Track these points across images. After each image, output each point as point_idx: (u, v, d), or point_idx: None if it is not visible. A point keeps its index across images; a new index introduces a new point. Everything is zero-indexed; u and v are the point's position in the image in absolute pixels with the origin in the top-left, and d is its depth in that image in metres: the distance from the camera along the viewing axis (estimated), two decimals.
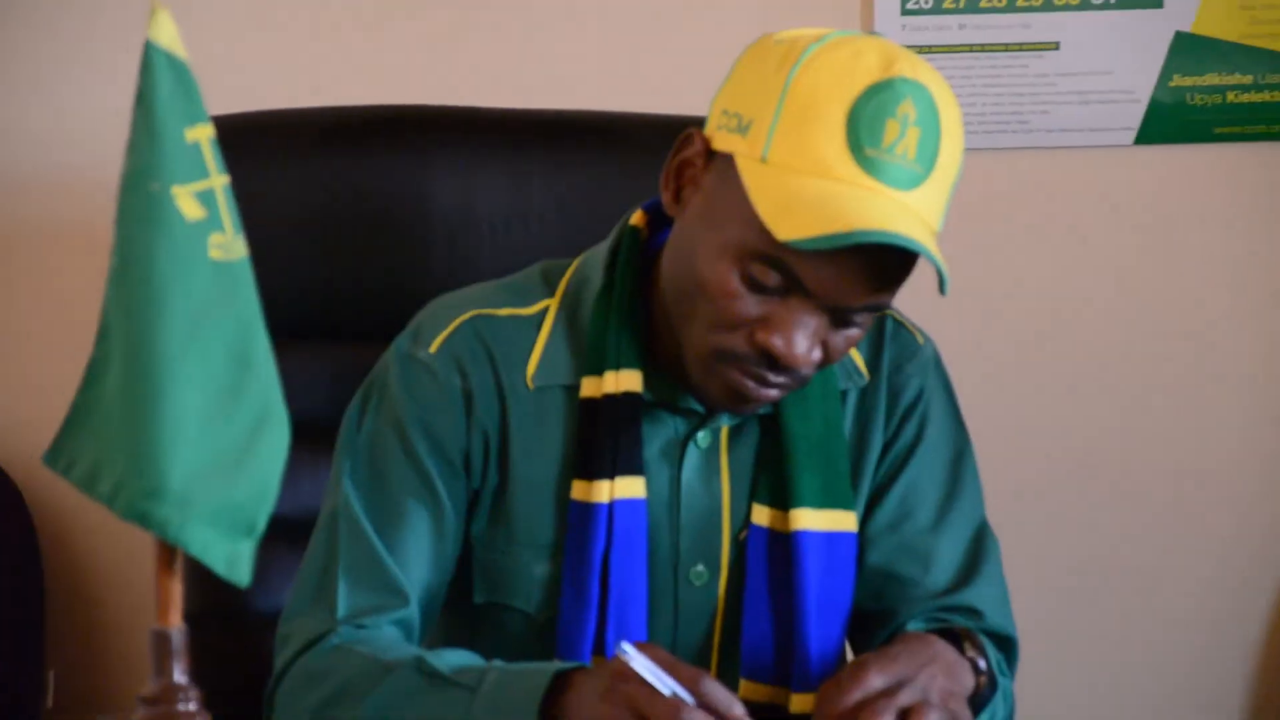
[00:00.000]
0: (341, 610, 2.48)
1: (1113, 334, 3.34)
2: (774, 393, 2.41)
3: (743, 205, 2.32)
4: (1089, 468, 3.30)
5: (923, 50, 2.51)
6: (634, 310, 2.52)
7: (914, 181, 2.32)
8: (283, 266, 2.66)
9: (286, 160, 2.99)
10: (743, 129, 2.36)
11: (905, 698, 2.29)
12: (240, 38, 3.14)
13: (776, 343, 2.33)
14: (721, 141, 2.38)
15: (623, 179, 2.94)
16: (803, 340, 2.34)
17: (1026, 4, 3.23)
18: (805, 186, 2.31)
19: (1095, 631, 3.23)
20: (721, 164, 2.38)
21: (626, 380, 2.50)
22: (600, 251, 2.56)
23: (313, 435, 2.45)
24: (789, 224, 2.28)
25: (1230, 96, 3.25)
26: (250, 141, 2.77)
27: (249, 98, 3.00)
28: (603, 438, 2.50)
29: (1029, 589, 2.65)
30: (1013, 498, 2.71)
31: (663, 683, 2.22)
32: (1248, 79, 3.24)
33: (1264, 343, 3.34)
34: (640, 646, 2.22)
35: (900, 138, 2.33)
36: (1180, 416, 3.36)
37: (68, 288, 3.20)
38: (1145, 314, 3.33)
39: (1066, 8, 3.24)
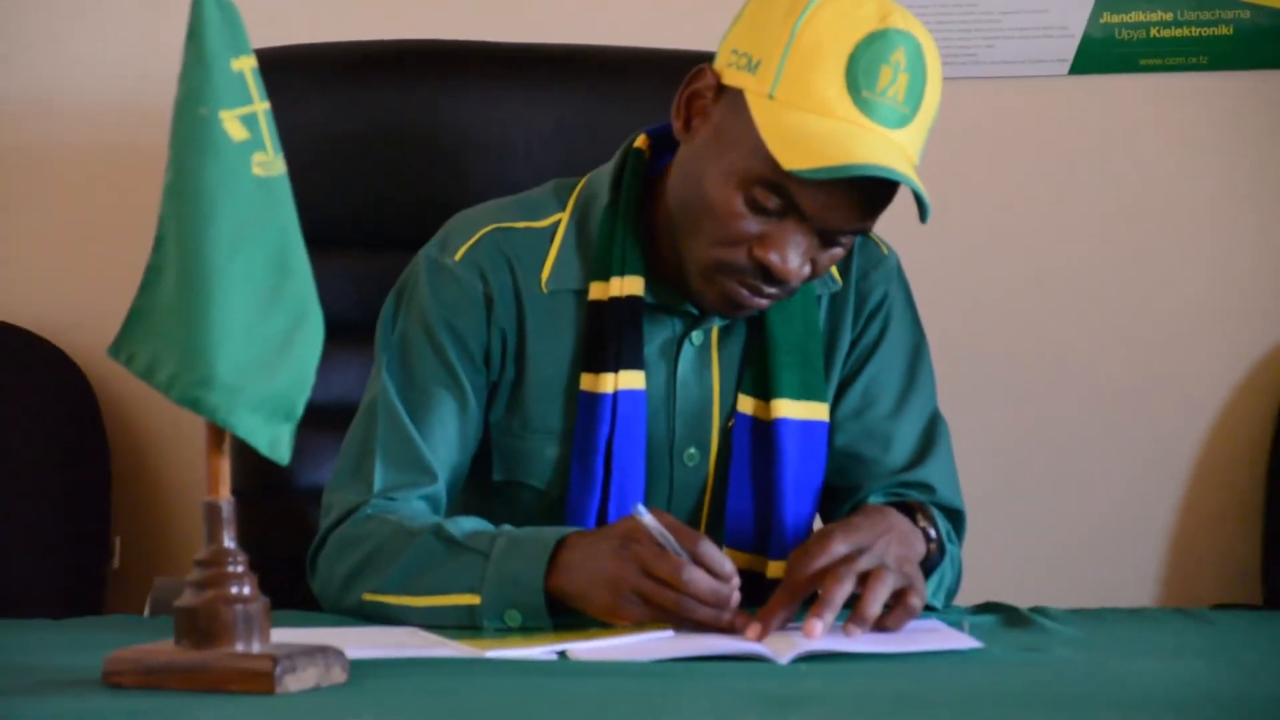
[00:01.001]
0: (377, 485, 2.49)
1: (1054, 247, 3.36)
2: (765, 301, 2.46)
3: (750, 135, 2.37)
4: (1028, 368, 3.31)
5: None
6: (637, 223, 2.54)
7: (902, 121, 2.38)
8: (317, 183, 2.67)
9: (322, 89, 2.99)
10: (752, 68, 2.40)
11: (864, 563, 2.31)
12: None
13: (773, 258, 2.38)
14: (731, 78, 2.42)
15: (619, 108, 2.94)
16: (795, 257, 2.39)
17: None
18: (808, 122, 2.36)
19: (1034, 508, 3.24)
20: (731, 98, 2.41)
21: (630, 285, 2.52)
22: (606, 171, 2.58)
23: (344, 333, 2.47)
24: (793, 154, 2.34)
25: (1153, 32, 3.26)
26: (289, 71, 2.79)
27: (288, 32, 3.00)
28: (608, 336, 2.52)
29: (978, 468, 2.63)
30: (965, 397, 2.71)
31: (668, 543, 2.25)
32: (1169, 15, 3.25)
33: (1185, 255, 3.34)
34: (651, 511, 2.26)
35: (892, 82, 2.37)
36: (1110, 328, 3.37)
37: (124, 200, 3.20)
38: (1082, 225, 3.34)
39: None
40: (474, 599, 2.34)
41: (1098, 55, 3.24)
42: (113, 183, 3.21)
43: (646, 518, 2.26)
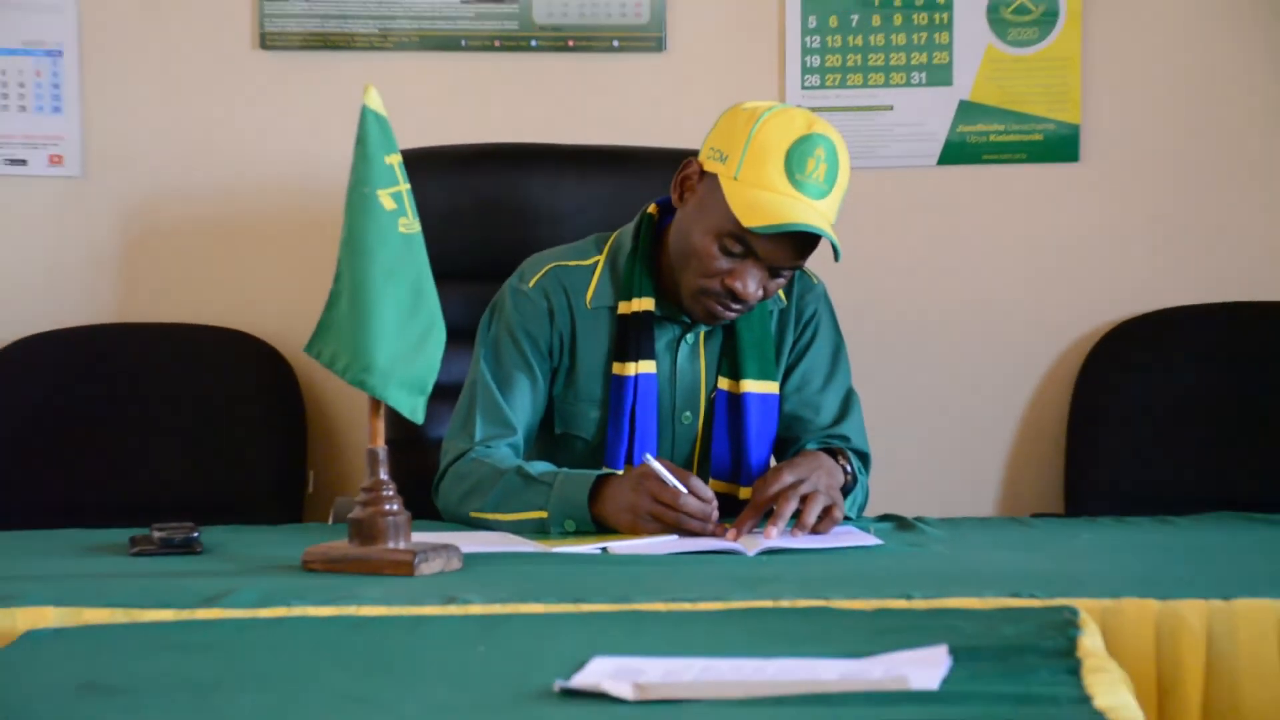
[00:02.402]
0: (477, 436, 2.49)
1: (927, 275, 3.28)
2: (733, 315, 2.46)
3: (722, 204, 2.38)
4: (909, 352, 3.25)
5: (812, 109, 2.49)
6: (649, 262, 2.53)
7: (822, 195, 2.39)
8: (440, 236, 2.65)
9: (443, 175, 2.97)
10: (723, 159, 2.41)
11: (804, 489, 2.34)
12: (414, 101, 3.09)
13: (738, 286, 2.39)
14: (709, 166, 2.43)
15: (635, 187, 2.89)
16: (753, 285, 2.40)
17: (874, 83, 3.19)
18: (760, 195, 2.37)
19: (913, 450, 3.21)
20: (709, 179, 2.43)
21: (644, 303, 2.51)
22: (628, 229, 2.57)
23: (456, 336, 2.40)
24: (751, 216, 2.35)
25: (991, 137, 3.21)
26: (423, 164, 2.78)
27: (422, 137, 2.99)
28: (630, 337, 2.52)
29: (877, 422, 2.63)
30: (867, 375, 2.69)
31: (670, 479, 2.28)
32: (1001, 127, 3.20)
33: (1012, 275, 3.28)
34: (658, 459, 2.31)
35: (815, 169, 2.39)
36: (958, 327, 3.27)
37: (313, 245, 3.15)
38: (944, 262, 3.27)
39: (897, 85, 3.20)
40: (543, 514, 2.36)
41: (955, 152, 3.20)
42: (305, 234, 3.18)
43: (654, 463, 2.29)
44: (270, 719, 1.54)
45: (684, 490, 2.29)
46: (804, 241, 2.38)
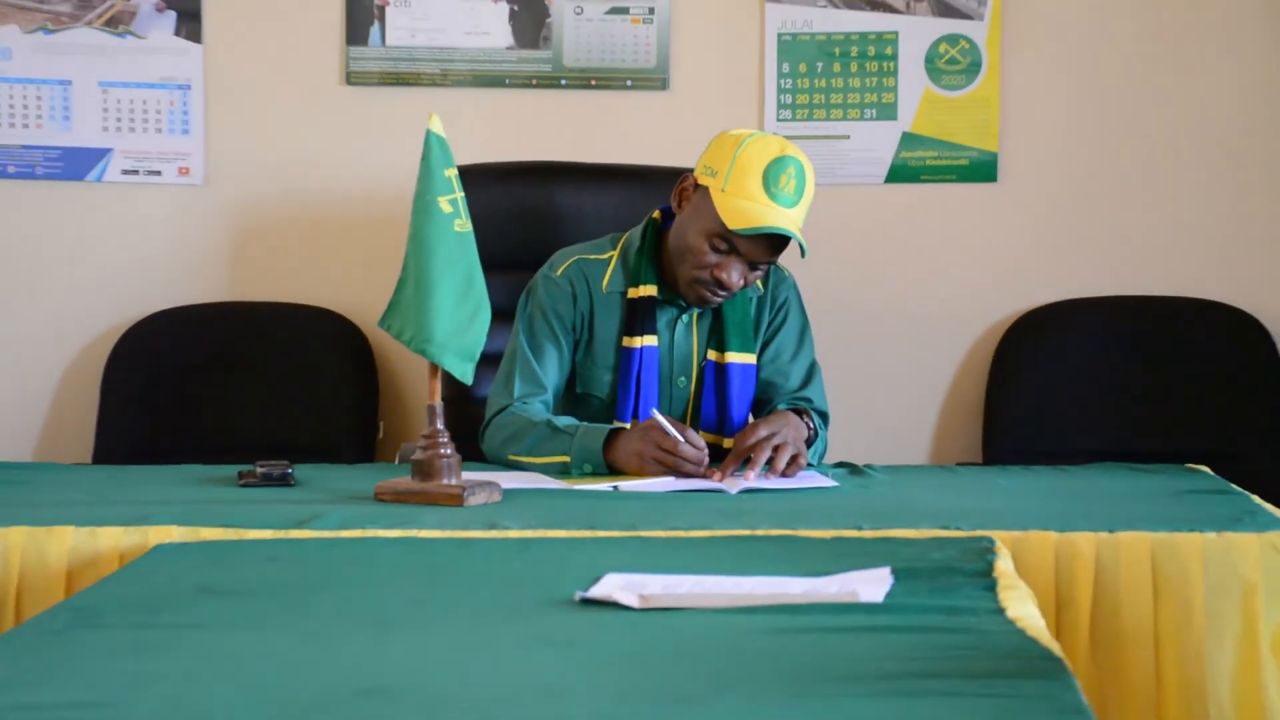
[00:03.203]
0: (515, 394, 2.46)
1: (875, 266, 3.26)
2: (720, 300, 2.44)
3: (712, 211, 2.36)
4: (864, 330, 3.24)
5: (785, 136, 2.46)
6: (653, 257, 2.50)
7: (792, 204, 2.36)
8: (485, 234, 2.60)
9: (489, 186, 2.94)
10: (713, 175, 2.39)
11: (775, 440, 2.31)
12: (467, 127, 3.09)
13: (724, 276, 2.38)
14: (702, 180, 2.41)
15: (642, 198, 2.85)
16: (735, 276, 2.39)
17: (834, 117, 3.18)
18: (742, 204, 2.35)
19: (862, 408, 3.15)
20: (701, 191, 2.40)
21: (649, 290, 2.48)
22: (637, 230, 2.54)
23: (498, 315, 2.36)
24: (735, 220, 2.33)
25: (928, 161, 3.19)
26: (474, 176, 2.72)
27: (472, 155, 2.96)
28: (637, 317, 2.48)
29: (834, 386, 2.61)
30: (824, 351, 2.68)
31: (671, 431, 2.26)
32: (936, 153, 3.18)
33: (936, 269, 3.26)
34: (661, 414, 2.29)
35: (787, 184, 2.36)
36: (901, 309, 3.26)
37: (386, 237, 3.07)
38: (889, 255, 3.25)
39: (853, 119, 3.19)
40: (566, 459, 2.34)
41: (899, 173, 3.17)
42: (379, 231, 3.14)
43: (660, 417, 2.27)
44: (348, 616, 1.54)
45: (682, 440, 2.27)
46: (778, 241, 2.36)
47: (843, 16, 3.11)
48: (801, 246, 2.37)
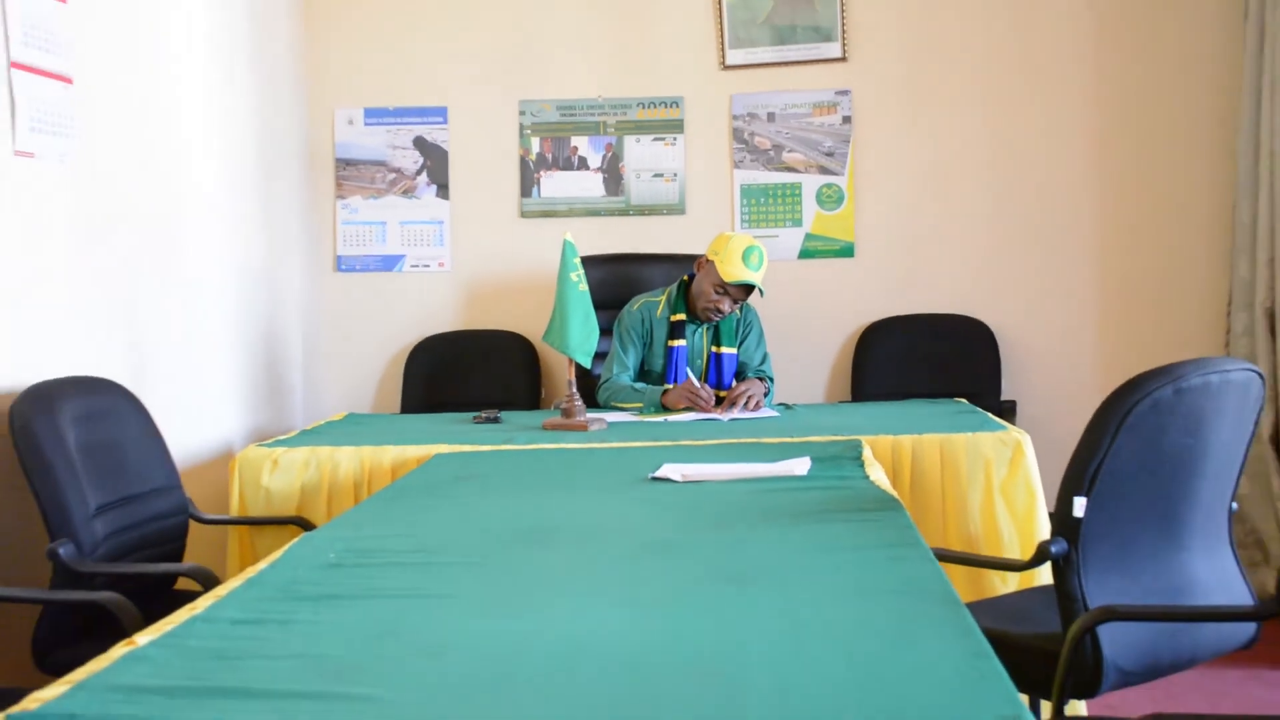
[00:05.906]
0: (614, 372, 2.41)
1: (796, 306, 3.05)
2: (719, 319, 2.39)
3: (716, 273, 2.31)
4: (801, 335, 3.04)
5: (752, 234, 2.35)
6: (684, 298, 2.43)
7: (757, 269, 2.32)
8: (595, 289, 2.60)
9: (594, 266, 2.82)
10: (715, 254, 2.33)
11: (748, 392, 2.28)
12: (580, 237, 2.91)
13: (721, 307, 2.34)
14: (710, 257, 2.35)
15: (677, 267, 2.80)
16: (727, 306, 2.35)
17: (773, 225, 3.05)
18: (731, 269, 2.30)
19: (791, 376, 3.02)
20: (709, 263, 2.34)
21: (681, 316, 2.42)
22: (675, 285, 2.47)
23: (604, 332, 2.38)
24: (728, 277, 2.29)
25: (819, 247, 3.04)
26: (586, 260, 2.65)
27: (585, 249, 2.82)
28: (675, 330, 2.43)
29: (780, 363, 2.53)
30: (773, 346, 2.57)
31: (697, 385, 2.24)
32: (821, 243, 3.03)
33: (843, 302, 3.07)
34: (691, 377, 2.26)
35: (754, 258, 2.31)
36: (834, 320, 3.07)
37: (543, 295, 2.96)
38: (802, 301, 3.06)
39: (780, 227, 3.05)
40: (639, 405, 2.31)
41: (805, 254, 3.02)
42: (540, 292, 3.00)
43: (693, 378, 2.25)
44: (530, 488, 1.55)
45: (701, 392, 2.25)
46: (749, 288, 2.32)
47: (776, 175, 3.03)
48: (760, 291, 2.35)
